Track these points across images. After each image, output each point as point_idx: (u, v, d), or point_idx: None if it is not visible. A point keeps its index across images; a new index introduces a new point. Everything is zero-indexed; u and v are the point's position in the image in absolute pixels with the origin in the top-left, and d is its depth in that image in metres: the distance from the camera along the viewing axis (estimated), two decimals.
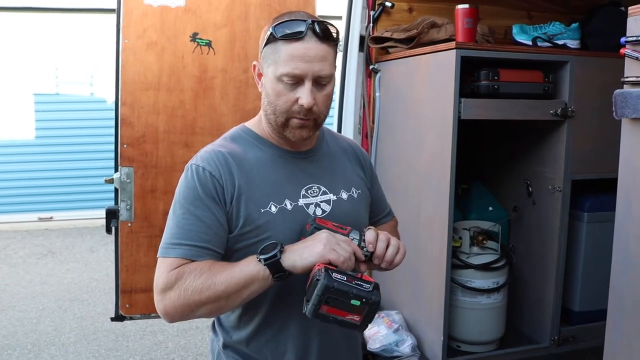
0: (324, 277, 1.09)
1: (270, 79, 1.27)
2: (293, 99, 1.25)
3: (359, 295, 1.10)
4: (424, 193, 2.30)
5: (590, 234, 2.40)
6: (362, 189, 1.46)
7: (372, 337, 2.35)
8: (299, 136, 1.30)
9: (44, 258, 6.28)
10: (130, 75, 2.35)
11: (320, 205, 1.34)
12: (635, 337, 1.22)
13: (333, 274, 1.11)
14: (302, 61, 1.22)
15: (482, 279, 2.33)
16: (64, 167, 7.83)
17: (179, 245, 1.22)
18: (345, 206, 1.38)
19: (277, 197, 1.29)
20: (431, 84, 2.22)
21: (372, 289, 1.12)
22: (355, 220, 1.40)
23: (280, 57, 1.24)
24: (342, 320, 1.13)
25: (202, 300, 1.18)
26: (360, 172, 1.49)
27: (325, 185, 1.37)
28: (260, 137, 1.37)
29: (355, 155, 1.51)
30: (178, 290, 1.18)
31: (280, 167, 1.34)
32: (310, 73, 1.23)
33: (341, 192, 1.39)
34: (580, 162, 2.28)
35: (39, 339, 4.23)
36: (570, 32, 2.35)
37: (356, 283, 1.11)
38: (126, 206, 2.38)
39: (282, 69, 1.23)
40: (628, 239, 1.24)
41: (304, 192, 1.33)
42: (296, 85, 1.24)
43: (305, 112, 1.26)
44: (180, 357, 4.02)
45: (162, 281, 1.21)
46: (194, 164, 1.29)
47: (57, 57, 7.58)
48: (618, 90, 1.23)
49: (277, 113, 1.28)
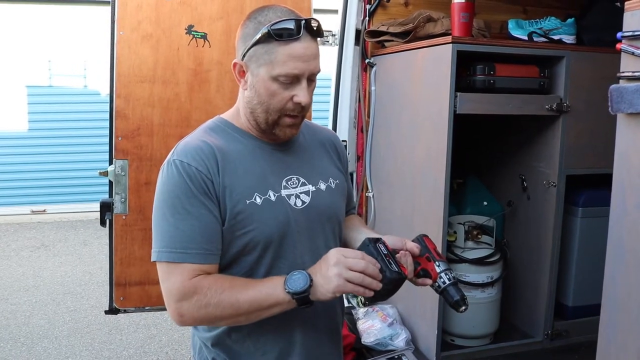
0: (368, 240, 1.26)
1: (262, 79, 1.25)
2: (287, 97, 1.25)
3: (380, 264, 1.20)
4: (419, 187, 2.30)
5: (584, 228, 2.41)
6: (339, 179, 1.47)
7: (366, 331, 2.35)
8: (290, 134, 1.32)
9: (37, 251, 6.26)
10: (125, 68, 2.34)
11: (300, 196, 1.35)
12: (628, 331, 1.22)
13: (378, 244, 1.25)
14: (300, 61, 1.23)
15: (477, 273, 2.34)
16: (57, 159, 7.80)
17: (186, 250, 1.21)
18: (324, 197, 1.39)
19: (260, 188, 1.29)
20: (427, 78, 2.22)
21: (396, 271, 1.21)
22: (334, 210, 1.42)
23: (277, 58, 1.22)
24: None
25: (223, 316, 1.22)
26: (338, 163, 1.51)
27: (303, 176, 1.37)
28: (239, 129, 1.36)
29: (333, 146, 1.52)
30: (197, 304, 1.20)
31: (261, 158, 1.33)
32: (307, 72, 1.25)
33: (319, 182, 1.40)
34: (575, 157, 2.28)
35: (32, 332, 4.22)
36: (566, 27, 2.35)
37: (389, 260, 1.22)
38: (120, 199, 2.37)
39: (279, 70, 1.23)
40: (622, 234, 1.25)
41: (285, 184, 1.34)
42: (291, 84, 1.25)
43: (300, 110, 1.27)
44: (174, 350, 4.02)
45: (178, 290, 1.21)
46: (177, 159, 1.26)
47: (50, 49, 7.53)
48: (614, 85, 1.23)
49: (269, 112, 1.27)
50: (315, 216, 1.36)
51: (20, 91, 7.62)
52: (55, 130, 7.78)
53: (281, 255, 1.31)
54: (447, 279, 1.31)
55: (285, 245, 1.31)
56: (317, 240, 1.37)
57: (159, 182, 1.28)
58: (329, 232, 1.40)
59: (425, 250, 1.35)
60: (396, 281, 1.22)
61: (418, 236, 1.39)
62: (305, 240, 1.34)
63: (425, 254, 1.35)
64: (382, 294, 1.21)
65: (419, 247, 1.35)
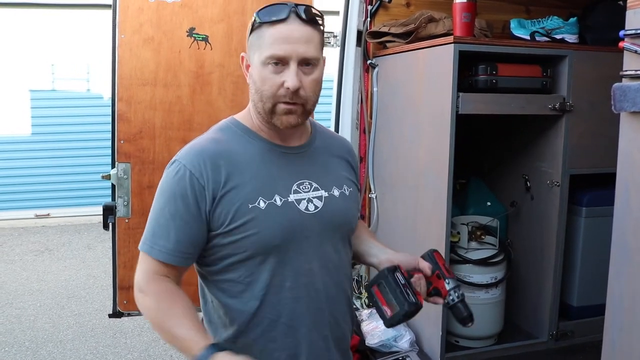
0: (387, 270, 1.34)
1: (256, 66, 1.27)
2: (279, 82, 1.23)
3: (398, 296, 1.30)
4: (422, 188, 2.29)
5: (588, 228, 2.40)
6: (352, 187, 1.45)
7: (370, 333, 2.35)
8: (287, 122, 1.27)
9: (41, 255, 6.27)
10: (126, 71, 2.34)
11: (313, 201, 1.32)
12: (633, 331, 1.22)
13: (396, 273, 1.33)
14: (285, 42, 1.22)
15: (481, 274, 2.33)
16: (60, 163, 7.82)
17: (154, 245, 1.27)
18: (338, 203, 1.37)
19: (266, 192, 1.27)
20: (429, 78, 2.21)
21: (412, 302, 1.29)
22: (347, 217, 1.40)
23: (265, 41, 1.24)
24: (379, 306, 1.33)
25: (151, 323, 1.29)
26: (352, 173, 1.48)
27: (316, 181, 1.35)
28: (250, 130, 1.35)
29: (348, 155, 1.50)
30: (141, 301, 1.28)
31: (270, 161, 1.32)
32: (295, 55, 1.22)
33: (333, 189, 1.37)
34: (579, 157, 2.28)
35: (37, 336, 4.23)
36: (569, 27, 2.35)
37: (406, 290, 1.30)
38: (123, 202, 2.37)
39: (266, 52, 1.23)
40: (626, 233, 1.24)
41: (296, 188, 1.31)
42: (282, 70, 1.23)
43: (292, 96, 1.24)
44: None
45: (137, 280, 1.30)
46: (177, 159, 1.29)
47: (53, 53, 7.55)
48: (617, 84, 1.22)
49: (264, 99, 1.26)
50: (327, 222, 1.34)
51: (23, 95, 7.63)
52: (58, 134, 7.79)
53: (286, 262, 1.28)
54: (455, 296, 1.38)
55: (290, 252, 1.28)
56: (326, 246, 1.34)
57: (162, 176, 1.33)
58: (339, 239, 1.38)
59: (436, 267, 1.40)
60: (413, 313, 1.31)
61: (428, 252, 1.43)
62: (314, 246, 1.31)
63: (436, 271, 1.40)
64: (399, 321, 1.32)
65: (430, 267, 1.39)
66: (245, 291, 1.29)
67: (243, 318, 1.30)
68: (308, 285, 1.31)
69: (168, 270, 1.27)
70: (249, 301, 1.29)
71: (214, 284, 1.33)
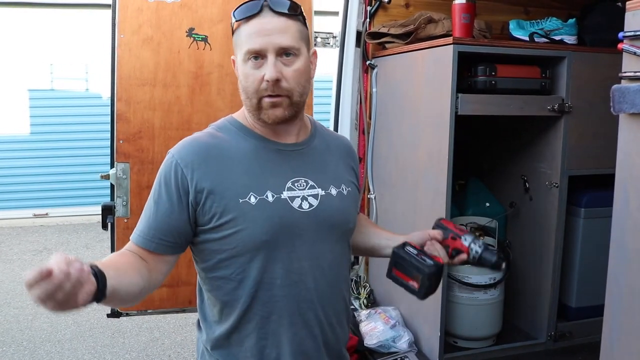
0: (396, 249, 1.37)
1: (239, 64, 1.29)
2: (259, 77, 1.24)
3: (415, 265, 1.32)
4: (421, 189, 2.29)
5: (587, 229, 2.40)
6: (351, 187, 1.44)
7: (369, 333, 2.35)
8: (274, 116, 1.27)
9: (39, 254, 6.26)
10: (126, 71, 2.34)
11: (308, 199, 1.32)
12: (632, 332, 1.22)
13: (406, 247, 1.36)
14: (259, 35, 1.23)
15: (479, 274, 2.33)
16: (59, 163, 7.82)
17: (137, 230, 1.31)
18: (334, 202, 1.36)
19: (258, 188, 1.27)
20: (428, 79, 2.21)
21: (430, 264, 1.31)
22: (344, 216, 1.39)
23: (242, 39, 1.26)
24: (406, 284, 1.35)
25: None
26: (352, 173, 1.48)
27: (313, 179, 1.34)
28: (245, 127, 1.35)
29: (349, 155, 1.50)
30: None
31: (264, 158, 1.32)
32: (271, 46, 1.23)
33: (330, 187, 1.37)
34: (577, 158, 2.28)
35: (35, 336, 4.23)
36: (568, 28, 2.35)
37: (421, 257, 1.33)
38: (122, 202, 2.37)
39: (244, 48, 1.25)
40: (625, 234, 1.24)
41: (290, 185, 1.31)
42: (262, 64, 1.24)
43: (273, 88, 1.24)
44: (177, 353, 4.02)
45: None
46: (171, 150, 1.32)
47: (52, 53, 7.55)
48: (616, 85, 1.23)
49: (249, 96, 1.27)
50: (323, 221, 1.33)
51: (22, 95, 7.63)
52: (57, 134, 7.79)
53: (276, 258, 1.28)
54: (477, 248, 1.40)
55: (281, 249, 1.28)
56: (321, 245, 1.33)
57: None
58: (335, 238, 1.37)
59: (449, 232, 1.43)
60: (435, 273, 1.32)
61: (436, 222, 1.48)
62: (307, 244, 1.30)
63: (450, 234, 1.43)
64: (427, 287, 1.32)
65: (441, 233, 1.43)
66: (237, 288, 1.29)
67: (235, 315, 1.30)
68: (299, 283, 1.30)
69: (146, 254, 1.29)
70: (240, 298, 1.29)
71: (208, 281, 1.33)
